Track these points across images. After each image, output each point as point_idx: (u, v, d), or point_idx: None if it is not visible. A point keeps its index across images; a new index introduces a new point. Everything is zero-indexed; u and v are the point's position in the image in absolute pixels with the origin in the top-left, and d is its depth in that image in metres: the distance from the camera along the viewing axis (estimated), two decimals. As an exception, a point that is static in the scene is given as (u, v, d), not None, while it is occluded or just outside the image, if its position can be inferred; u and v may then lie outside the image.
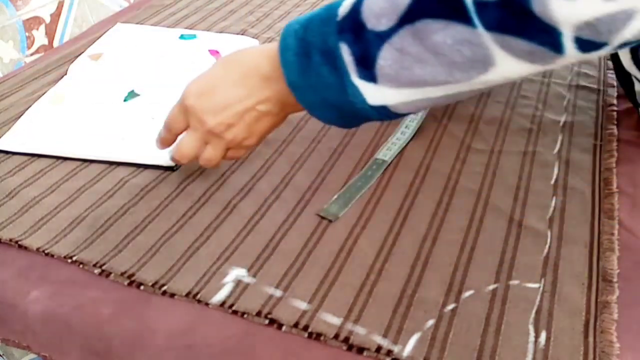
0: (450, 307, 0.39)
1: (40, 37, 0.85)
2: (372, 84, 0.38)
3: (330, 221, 0.46)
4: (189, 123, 0.47)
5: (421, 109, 0.41)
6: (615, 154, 0.51)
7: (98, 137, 0.57)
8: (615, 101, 0.60)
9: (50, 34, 0.87)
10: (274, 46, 0.43)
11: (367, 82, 0.39)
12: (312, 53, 0.40)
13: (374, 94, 0.39)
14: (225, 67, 0.46)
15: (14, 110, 0.64)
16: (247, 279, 0.42)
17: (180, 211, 0.49)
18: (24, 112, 0.62)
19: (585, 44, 0.32)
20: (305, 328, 0.38)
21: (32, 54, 0.85)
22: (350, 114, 0.41)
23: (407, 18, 0.35)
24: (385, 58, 0.37)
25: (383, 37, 0.36)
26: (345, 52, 0.38)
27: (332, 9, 0.40)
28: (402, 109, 0.40)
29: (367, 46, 0.37)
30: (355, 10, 0.38)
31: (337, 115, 0.42)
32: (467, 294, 0.39)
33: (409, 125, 0.56)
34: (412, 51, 0.36)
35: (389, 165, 0.52)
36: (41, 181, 0.53)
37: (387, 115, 0.41)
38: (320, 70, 0.40)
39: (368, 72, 0.38)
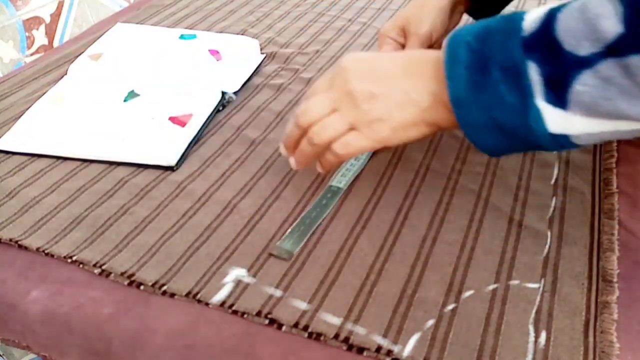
0: (450, 307, 0.39)
1: (40, 37, 0.85)
2: (559, 109, 0.35)
3: (284, 259, 0.43)
4: (332, 98, 0.44)
5: (603, 141, 0.38)
6: (615, 154, 0.51)
7: (98, 137, 0.57)
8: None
9: (50, 34, 0.87)
10: (439, 55, 0.40)
11: (553, 106, 0.35)
12: (490, 68, 0.36)
13: (558, 120, 0.35)
14: (390, 54, 0.44)
15: (13, 110, 0.64)
16: (247, 279, 0.42)
17: (180, 211, 0.49)
18: (24, 112, 0.62)
19: None
20: (305, 328, 0.38)
21: (32, 54, 0.85)
22: (521, 139, 0.37)
23: (616, 49, 0.32)
24: (585, 84, 0.33)
25: (584, 62, 0.33)
26: (534, 71, 0.35)
27: (512, 22, 0.36)
28: (584, 140, 0.36)
29: (562, 68, 0.34)
30: (547, 27, 0.34)
31: (502, 141, 0.38)
32: (467, 294, 0.39)
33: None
34: (620, 83, 0.33)
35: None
36: (41, 181, 0.53)
37: (562, 145, 0.37)
38: (499, 87, 0.36)
39: (558, 96, 0.35)
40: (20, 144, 0.57)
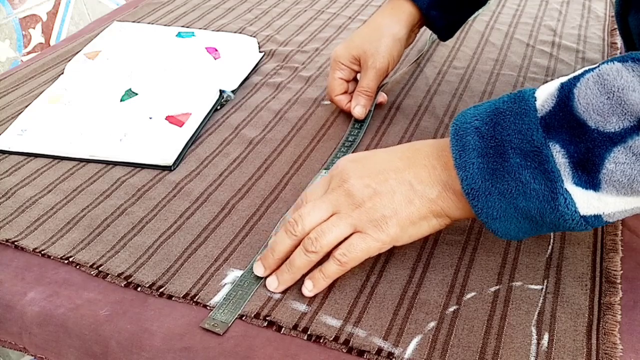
0: (451, 308, 0.38)
1: (37, 35, 0.85)
2: (591, 191, 0.32)
3: (218, 334, 0.38)
4: (328, 206, 0.40)
5: (630, 215, 0.35)
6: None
7: (95, 136, 0.57)
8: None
9: (47, 32, 0.87)
10: (442, 145, 0.38)
11: (584, 189, 0.32)
12: (508, 153, 0.34)
13: (590, 202, 0.33)
14: (385, 149, 0.42)
15: (10, 110, 0.63)
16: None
17: (178, 211, 0.48)
18: (20, 112, 0.62)
19: None
20: (305, 330, 0.37)
21: (28, 53, 0.84)
22: (548, 224, 0.35)
23: None
24: (617, 162, 0.31)
25: (614, 138, 0.31)
26: (558, 154, 0.32)
27: (522, 101, 0.34)
28: (616, 218, 0.34)
29: (590, 148, 0.32)
30: (565, 104, 0.33)
31: (526, 226, 0.36)
32: (469, 295, 0.39)
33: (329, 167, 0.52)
34: None
35: None
36: (37, 181, 0.53)
37: (594, 224, 0.34)
38: (521, 173, 0.33)
39: (588, 177, 0.32)
40: (17, 144, 0.57)
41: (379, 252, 0.39)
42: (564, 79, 0.34)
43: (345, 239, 0.39)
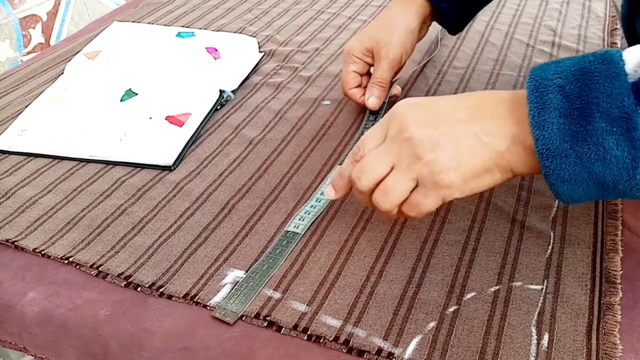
0: (451, 309, 0.38)
1: (37, 35, 0.85)
2: None
3: (229, 324, 0.39)
4: (387, 152, 0.38)
5: None
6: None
7: (95, 136, 0.57)
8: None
9: (47, 32, 0.87)
10: (515, 96, 0.37)
11: None
12: (594, 117, 0.32)
13: None
14: (448, 97, 0.40)
15: (10, 110, 0.63)
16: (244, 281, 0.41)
17: (178, 211, 0.48)
18: (21, 112, 0.62)
19: None
20: (305, 330, 0.37)
21: (28, 53, 0.84)
22: (617, 191, 0.34)
23: None
24: None
25: None
26: None
27: (611, 63, 0.33)
28: None
29: None
30: None
31: (594, 192, 0.35)
32: (469, 295, 0.39)
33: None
34: None
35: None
36: (37, 181, 0.53)
37: None
38: (605, 139, 0.32)
39: None
40: (17, 144, 0.57)
41: (442, 203, 0.39)
42: None
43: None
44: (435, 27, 0.65)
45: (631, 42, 0.53)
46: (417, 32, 0.59)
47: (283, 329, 0.38)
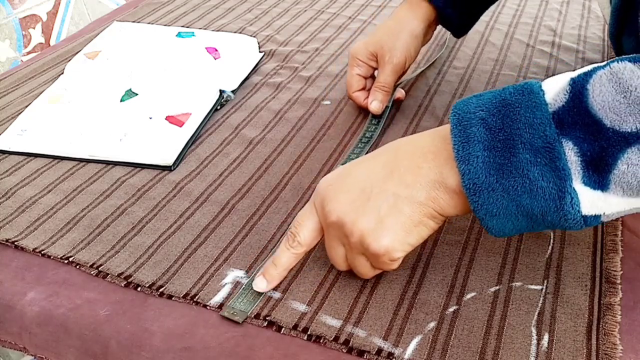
0: (451, 309, 0.38)
1: (37, 35, 0.85)
2: (597, 191, 0.32)
3: (237, 323, 0.39)
4: (314, 229, 0.39)
5: (626, 215, 0.34)
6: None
7: (95, 136, 0.57)
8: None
9: (47, 32, 0.87)
10: (430, 138, 0.36)
11: (591, 189, 0.32)
12: (517, 149, 0.32)
13: (595, 202, 0.32)
14: (366, 157, 0.39)
15: (10, 110, 0.63)
16: (246, 281, 0.41)
17: (178, 211, 0.48)
18: (21, 112, 0.62)
19: None
20: (305, 330, 0.37)
21: (28, 53, 0.84)
22: (547, 222, 0.33)
23: None
24: (630, 163, 0.30)
25: (629, 139, 0.30)
26: (571, 152, 0.31)
27: (531, 94, 0.33)
28: (612, 218, 0.34)
29: (604, 147, 0.31)
30: (579, 100, 0.31)
31: (523, 224, 0.34)
32: (469, 295, 0.39)
33: None
34: None
35: None
36: (37, 181, 0.53)
37: (589, 224, 0.33)
38: (530, 170, 0.32)
39: (598, 177, 0.31)
40: (17, 144, 0.57)
41: (388, 268, 0.38)
42: (572, 74, 0.33)
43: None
44: (441, 28, 0.65)
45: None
46: (422, 37, 0.60)
47: (283, 328, 0.38)
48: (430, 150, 0.36)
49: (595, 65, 0.33)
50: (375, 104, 0.58)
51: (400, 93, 0.62)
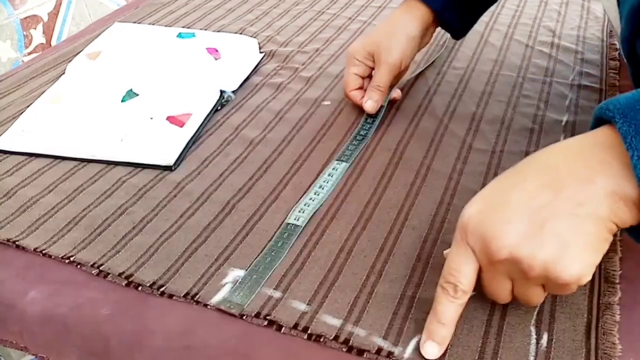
0: (451, 308, 0.38)
1: (38, 35, 0.85)
2: None
3: (234, 316, 0.39)
4: (474, 266, 0.34)
5: None
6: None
7: (96, 136, 0.57)
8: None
9: (48, 32, 0.87)
10: (602, 143, 0.32)
11: None
12: None
13: None
14: (514, 178, 0.34)
15: (11, 110, 0.63)
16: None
17: (179, 211, 0.48)
18: (22, 112, 0.62)
19: None
20: (305, 329, 0.37)
21: (29, 53, 0.84)
22: None
23: None
24: None
25: None
26: None
27: None
28: None
29: None
30: None
31: None
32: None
33: (323, 185, 0.50)
34: None
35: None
36: (39, 181, 0.53)
37: None
38: None
39: None
40: (18, 144, 0.57)
41: (568, 292, 0.34)
42: None
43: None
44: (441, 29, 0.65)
45: (631, 62, 0.53)
46: (419, 39, 0.60)
47: (283, 328, 0.38)
48: (597, 161, 0.32)
49: None
50: (370, 104, 0.58)
51: (396, 93, 0.62)
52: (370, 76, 0.61)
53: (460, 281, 0.35)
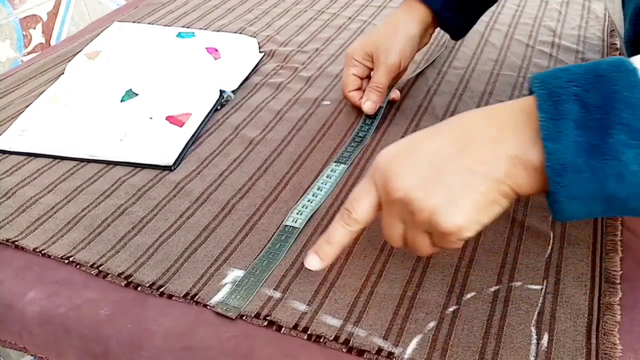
0: (451, 308, 0.38)
1: (37, 35, 0.85)
2: None
3: (231, 319, 0.39)
4: (374, 204, 0.37)
5: None
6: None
7: (95, 136, 0.57)
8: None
9: (47, 32, 0.87)
10: (510, 111, 0.34)
11: None
12: (614, 129, 0.30)
13: None
14: (432, 131, 0.36)
15: (10, 110, 0.63)
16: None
17: (178, 211, 0.48)
18: (21, 112, 0.62)
19: None
20: (305, 330, 0.37)
21: (29, 53, 0.84)
22: (626, 208, 0.32)
23: None
24: None
25: None
26: None
27: (628, 72, 0.31)
28: None
29: None
30: None
31: (599, 209, 0.32)
32: (468, 295, 0.39)
33: (321, 187, 0.50)
34: None
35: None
36: (38, 181, 0.53)
37: None
38: (624, 153, 0.30)
39: None
40: (17, 144, 0.57)
41: (452, 247, 0.36)
42: None
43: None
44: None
45: None
46: (418, 39, 0.59)
47: (283, 328, 0.38)
48: (510, 125, 0.33)
49: None
50: (369, 104, 0.58)
51: (395, 94, 0.62)
52: (369, 77, 0.61)
53: (355, 210, 0.38)
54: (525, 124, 0.33)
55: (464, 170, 0.34)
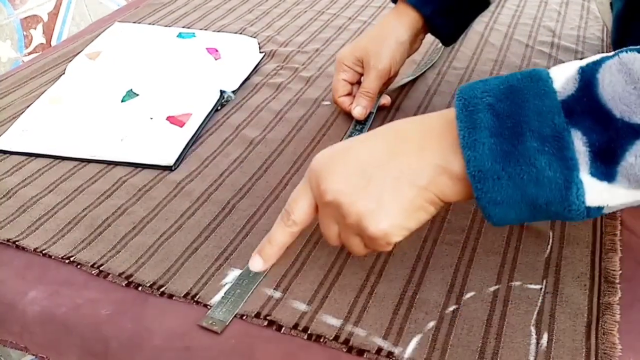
0: (451, 308, 0.38)
1: (38, 36, 0.85)
2: (604, 182, 0.31)
3: (216, 333, 0.38)
4: (309, 206, 0.39)
5: (629, 207, 0.34)
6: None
7: (96, 136, 0.57)
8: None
9: (48, 32, 0.87)
10: (434, 122, 0.36)
11: (598, 180, 0.31)
12: (525, 136, 0.31)
13: (600, 194, 0.31)
14: (367, 136, 0.38)
15: (11, 110, 0.63)
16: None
17: (179, 211, 0.48)
18: (22, 112, 0.62)
19: None
20: (305, 329, 0.38)
21: (29, 53, 0.84)
22: (550, 213, 0.33)
23: None
24: (638, 155, 0.30)
25: (639, 130, 0.30)
26: (579, 142, 0.31)
27: (539, 81, 0.32)
28: (614, 209, 0.33)
29: (613, 138, 0.30)
30: (589, 90, 0.31)
31: (525, 214, 0.33)
32: (468, 295, 0.39)
33: None
34: None
35: None
36: (39, 181, 0.53)
37: (592, 215, 0.33)
38: (537, 159, 0.31)
39: (606, 168, 0.31)
40: (18, 144, 0.57)
41: (382, 250, 0.38)
42: (581, 63, 0.32)
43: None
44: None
45: None
46: (409, 44, 0.59)
47: (283, 328, 0.38)
48: (435, 133, 0.35)
49: (603, 55, 0.32)
50: (359, 110, 0.58)
51: (385, 99, 0.61)
52: (359, 82, 0.61)
53: (293, 211, 0.39)
54: (448, 134, 0.34)
55: (392, 177, 0.35)
